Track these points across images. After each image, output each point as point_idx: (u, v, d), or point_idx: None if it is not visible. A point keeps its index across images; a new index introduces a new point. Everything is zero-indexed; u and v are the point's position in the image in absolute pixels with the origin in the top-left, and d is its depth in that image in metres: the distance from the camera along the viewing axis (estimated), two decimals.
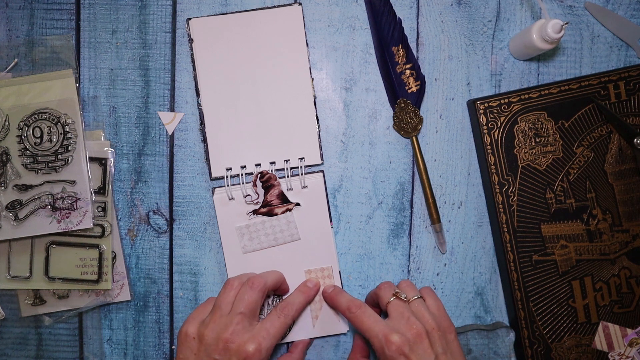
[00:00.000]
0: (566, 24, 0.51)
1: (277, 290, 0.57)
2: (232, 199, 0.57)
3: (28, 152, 0.56)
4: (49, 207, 0.56)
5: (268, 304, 0.58)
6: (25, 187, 0.56)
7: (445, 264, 0.59)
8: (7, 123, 0.56)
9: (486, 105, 0.56)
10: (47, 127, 0.56)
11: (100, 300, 0.58)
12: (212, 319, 0.50)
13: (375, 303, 0.54)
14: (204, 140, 0.58)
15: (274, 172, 0.57)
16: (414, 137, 0.58)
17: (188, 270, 0.59)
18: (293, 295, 0.55)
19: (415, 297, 0.52)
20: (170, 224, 0.59)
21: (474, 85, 0.59)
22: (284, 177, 0.57)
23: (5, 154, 0.56)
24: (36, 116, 0.56)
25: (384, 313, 0.52)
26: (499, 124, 0.56)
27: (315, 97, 0.58)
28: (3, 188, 0.56)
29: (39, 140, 0.56)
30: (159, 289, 0.59)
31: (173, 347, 0.59)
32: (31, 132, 0.56)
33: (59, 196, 0.56)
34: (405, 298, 0.51)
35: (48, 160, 0.56)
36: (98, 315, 0.59)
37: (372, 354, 0.58)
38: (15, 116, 0.56)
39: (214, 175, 0.58)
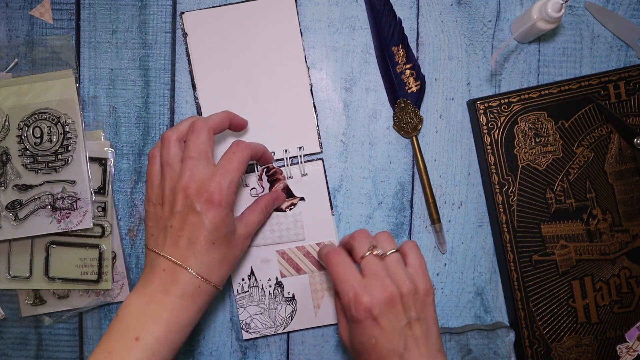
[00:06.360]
0: (566, 2, 0.51)
1: (255, 156, 0.53)
2: None
3: (28, 152, 0.56)
4: (49, 207, 0.56)
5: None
6: (25, 187, 0.56)
7: (445, 264, 0.59)
8: (7, 123, 0.56)
9: (486, 105, 0.56)
10: (47, 127, 0.56)
11: (100, 300, 0.58)
12: (165, 177, 0.48)
13: (349, 252, 0.50)
14: None
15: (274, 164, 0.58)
16: (414, 137, 0.58)
17: None
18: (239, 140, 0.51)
19: (393, 251, 0.48)
20: None
21: (474, 85, 0.59)
22: (284, 165, 0.57)
23: (5, 154, 0.56)
24: (36, 116, 0.56)
25: (357, 265, 0.49)
26: (499, 124, 0.56)
27: (311, 86, 0.58)
28: (3, 188, 0.56)
29: (39, 140, 0.56)
30: None
31: None
32: (31, 132, 0.56)
33: (59, 196, 0.56)
34: (381, 254, 0.48)
35: (48, 160, 0.56)
36: (98, 315, 0.59)
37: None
38: (15, 116, 0.56)
39: None
